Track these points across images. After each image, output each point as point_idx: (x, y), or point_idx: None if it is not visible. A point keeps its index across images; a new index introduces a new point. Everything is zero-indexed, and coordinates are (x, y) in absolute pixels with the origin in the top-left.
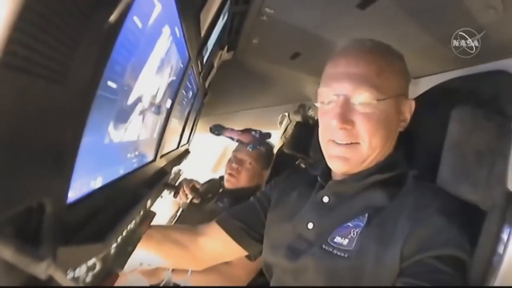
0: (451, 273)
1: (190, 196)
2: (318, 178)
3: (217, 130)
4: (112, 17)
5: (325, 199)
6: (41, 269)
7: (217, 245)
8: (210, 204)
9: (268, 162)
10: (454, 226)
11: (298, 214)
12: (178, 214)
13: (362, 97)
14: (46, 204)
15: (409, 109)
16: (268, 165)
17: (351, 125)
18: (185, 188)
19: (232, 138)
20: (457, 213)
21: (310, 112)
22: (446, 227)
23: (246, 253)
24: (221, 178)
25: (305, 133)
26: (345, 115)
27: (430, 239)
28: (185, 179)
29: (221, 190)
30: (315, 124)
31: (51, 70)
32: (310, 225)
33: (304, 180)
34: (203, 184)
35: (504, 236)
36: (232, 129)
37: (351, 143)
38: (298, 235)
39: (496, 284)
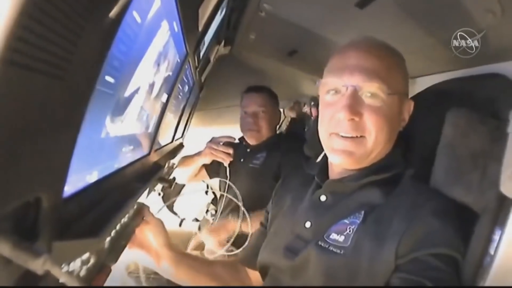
0: (446, 271)
1: (231, 153)
2: (315, 178)
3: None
4: (112, 13)
5: (323, 198)
6: (38, 265)
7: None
8: (247, 166)
9: (275, 99)
10: (450, 226)
11: (295, 214)
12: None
13: (373, 89)
14: (43, 199)
15: (408, 109)
16: (277, 102)
17: (359, 117)
18: (221, 148)
19: None
20: (452, 213)
21: (305, 109)
22: (442, 227)
23: None
24: (240, 140)
25: (300, 130)
26: (354, 106)
27: (425, 238)
28: (211, 140)
29: (248, 150)
30: (310, 120)
31: (50, 66)
32: (308, 224)
33: (300, 181)
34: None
35: (496, 237)
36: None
37: (356, 137)
38: (296, 234)
39: (487, 284)
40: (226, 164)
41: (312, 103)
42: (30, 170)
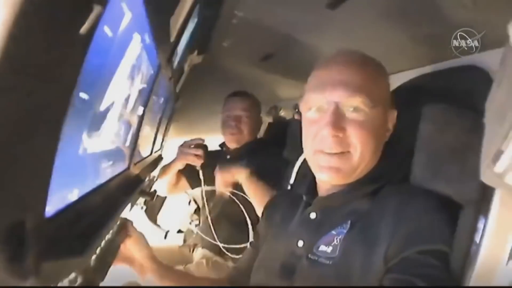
0: (436, 267)
1: (201, 154)
2: (304, 196)
3: None
4: (83, 29)
5: (313, 215)
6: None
7: None
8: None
9: (258, 105)
10: (436, 221)
11: (286, 233)
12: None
13: (356, 103)
14: (27, 221)
15: (392, 119)
16: (259, 108)
17: (343, 133)
18: (191, 151)
19: None
20: (438, 208)
21: (282, 113)
22: (428, 223)
23: None
24: (221, 146)
25: (277, 133)
26: (338, 123)
27: (413, 237)
28: (182, 145)
29: (228, 157)
30: (287, 125)
31: (24, 87)
32: (300, 243)
33: (288, 199)
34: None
35: (480, 226)
36: None
37: (341, 153)
38: (290, 254)
39: (475, 272)
40: (198, 167)
41: (297, 110)
42: (11, 194)
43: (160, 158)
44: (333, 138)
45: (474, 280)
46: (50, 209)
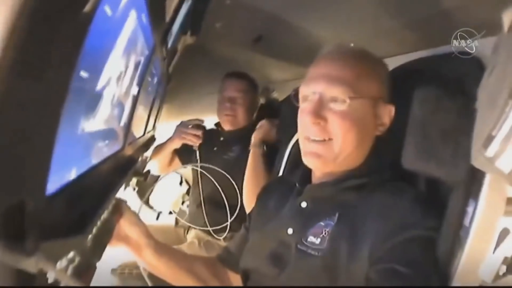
0: (422, 253)
1: (200, 135)
2: (296, 184)
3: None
4: (87, 8)
5: (303, 204)
6: (32, 264)
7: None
8: (221, 157)
9: (254, 87)
10: (419, 211)
11: (278, 220)
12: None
13: (335, 93)
14: (27, 201)
15: (388, 113)
16: (256, 89)
17: (324, 121)
18: (190, 131)
19: None
20: (419, 200)
21: (274, 94)
22: (411, 214)
23: None
24: (217, 125)
25: (269, 115)
26: (318, 111)
27: (397, 227)
28: (181, 124)
29: (222, 138)
30: (279, 106)
31: (26, 67)
32: (290, 231)
33: (281, 186)
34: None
35: (470, 209)
36: None
37: (324, 140)
38: (280, 241)
39: (464, 256)
40: (195, 147)
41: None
42: (12, 174)
43: (152, 139)
44: (314, 126)
45: (463, 264)
46: (50, 188)
